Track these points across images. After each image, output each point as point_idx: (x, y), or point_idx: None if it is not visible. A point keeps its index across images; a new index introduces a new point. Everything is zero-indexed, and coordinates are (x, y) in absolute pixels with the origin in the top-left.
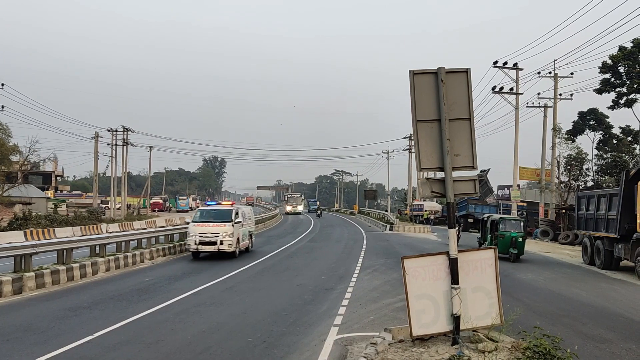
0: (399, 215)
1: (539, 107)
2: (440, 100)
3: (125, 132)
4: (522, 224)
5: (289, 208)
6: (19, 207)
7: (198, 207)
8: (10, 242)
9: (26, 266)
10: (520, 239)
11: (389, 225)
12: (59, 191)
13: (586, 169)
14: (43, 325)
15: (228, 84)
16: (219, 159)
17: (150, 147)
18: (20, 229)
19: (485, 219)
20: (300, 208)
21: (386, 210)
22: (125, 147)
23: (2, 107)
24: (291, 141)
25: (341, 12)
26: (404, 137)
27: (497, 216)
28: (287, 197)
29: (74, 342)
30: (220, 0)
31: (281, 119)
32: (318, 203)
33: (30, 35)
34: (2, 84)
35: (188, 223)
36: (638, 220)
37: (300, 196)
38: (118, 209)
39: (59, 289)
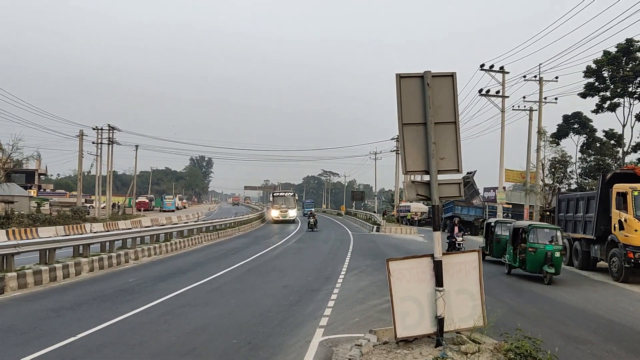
0: (385, 216)
1: (524, 110)
2: (426, 103)
3: (111, 131)
4: (558, 233)
5: (275, 213)
6: (0, 206)
7: (184, 206)
8: None
9: (8, 266)
10: (557, 254)
11: (375, 227)
12: (42, 190)
13: (570, 172)
14: (25, 326)
15: (214, 84)
16: (206, 159)
17: (136, 146)
18: (2, 228)
19: (493, 224)
20: (292, 213)
21: (373, 212)
22: (110, 145)
23: None
24: (279, 142)
25: (321, 19)
26: (392, 139)
27: (524, 223)
28: (274, 196)
29: (57, 344)
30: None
31: (270, 119)
32: (313, 211)
33: (14, 33)
34: None
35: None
36: (613, 222)
37: (293, 195)
38: (103, 208)
39: (41, 290)
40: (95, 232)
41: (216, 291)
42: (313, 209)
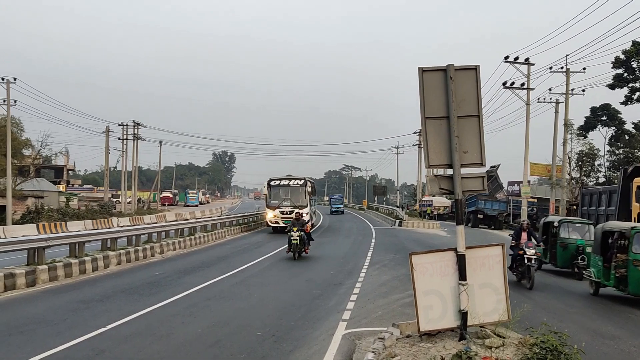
0: (407, 210)
1: (550, 102)
2: (449, 97)
3: (136, 127)
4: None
5: (271, 215)
6: (31, 201)
7: (208, 201)
8: (23, 235)
9: (39, 259)
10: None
11: (398, 221)
12: (70, 185)
13: (598, 165)
14: (56, 317)
15: (236, 85)
16: (229, 154)
17: (161, 142)
18: (33, 222)
19: (556, 224)
20: (304, 215)
21: (395, 206)
22: (135, 141)
23: (15, 101)
24: (301, 136)
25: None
26: (414, 133)
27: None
28: (271, 186)
29: (87, 334)
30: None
31: (292, 114)
32: (342, 207)
33: (47, 31)
34: (15, 79)
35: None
36: (633, 215)
37: (305, 184)
38: (128, 203)
39: (71, 282)
40: (122, 227)
41: (240, 285)
42: (343, 206)
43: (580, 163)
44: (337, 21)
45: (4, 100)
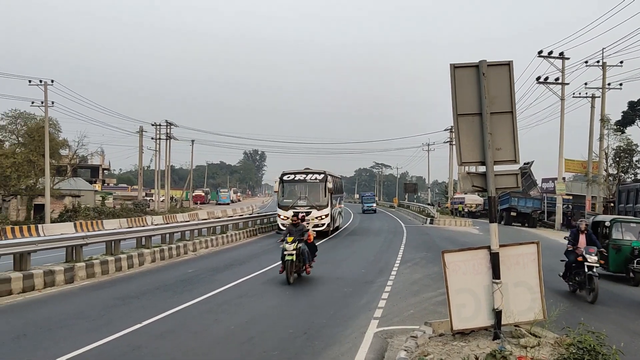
0: (438, 208)
1: (586, 97)
2: (482, 93)
3: (169, 127)
4: None
5: (283, 216)
6: (68, 200)
7: (239, 199)
8: (62, 234)
9: (77, 256)
10: None
11: (429, 219)
12: (106, 184)
13: (636, 161)
14: (94, 313)
15: (268, 84)
16: (260, 152)
17: (192, 141)
18: (70, 220)
19: (608, 224)
20: (324, 217)
21: (427, 204)
22: (168, 141)
23: (52, 102)
24: (331, 134)
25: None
26: (445, 130)
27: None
28: (284, 182)
29: (123, 330)
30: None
31: (321, 113)
32: (375, 206)
33: (80, 32)
34: (52, 81)
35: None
36: None
37: (324, 179)
38: (162, 201)
39: (108, 279)
40: (155, 225)
41: (271, 282)
42: (375, 204)
43: (617, 159)
44: (367, 20)
45: (42, 102)
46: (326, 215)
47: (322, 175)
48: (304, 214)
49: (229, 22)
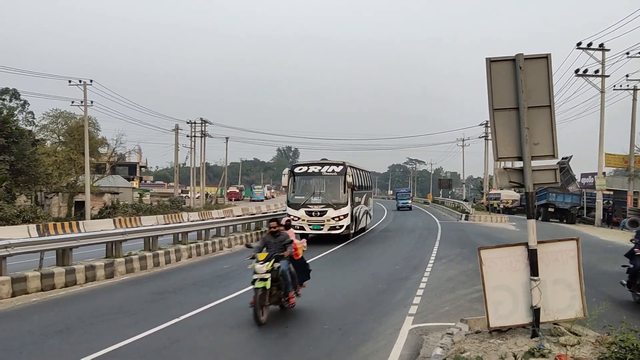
0: (474, 204)
1: (627, 89)
2: (519, 87)
3: (203, 124)
4: None
5: (294, 216)
6: (107, 197)
7: (273, 196)
8: (102, 230)
9: (117, 252)
10: None
11: (464, 215)
12: (143, 181)
13: None
14: (133, 307)
15: (295, 75)
16: (293, 149)
17: (227, 138)
18: (110, 217)
19: None
20: (342, 217)
21: (462, 200)
22: (203, 138)
23: (92, 102)
24: (364, 130)
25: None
26: (480, 124)
27: None
28: (295, 175)
29: (162, 324)
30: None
31: (354, 108)
32: (410, 203)
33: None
34: (91, 80)
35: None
36: None
37: (343, 172)
38: (197, 198)
39: (146, 274)
40: (191, 221)
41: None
42: (410, 201)
43: None
44: (402, 18)
45: (82, 102)
46: (344, 216)
47: (341, 167)
48: (281, 222)
49: (267, 24)
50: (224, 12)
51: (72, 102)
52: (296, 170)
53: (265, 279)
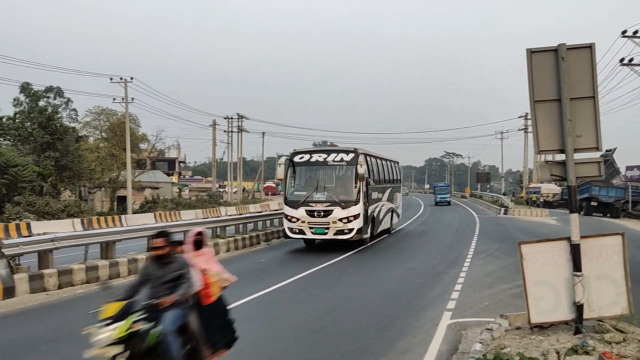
0: (513, 198)
1: None
2: (561, 78)
3: (240, 119)
4: None
5: (293, 217)
6: (148, 192)
7: None
8: (143, 224)
9: None
10: None
11: (503, 209)
12: (181, 176)
13: None
14: None
15: (330, 70)
16: (328, 143)
17: (263, 133)
18: (150, 211)
19: None
20: (353, 218)
21: (500, 193)
22: (240, 133)
23: (132, 99)
24: (400, 123)
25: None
26: (519, 117)
27: None
28: (295, 164)
29: None
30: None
31: (390, 101)
32: (449, 197)
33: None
34: (132, 78)
35: None
36: None
37: (354, 161)
38: (234, 192)
39: None
40: (229, 215)
41: (342, 273)
42: (449, 195)
43: None
44: (438, 14)
45: (123, 99)
46: (355, 217)
47: (352, 155)
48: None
49: (306, 22)
50: (274, 13)
51: (114, 99)
52: (296, 159)
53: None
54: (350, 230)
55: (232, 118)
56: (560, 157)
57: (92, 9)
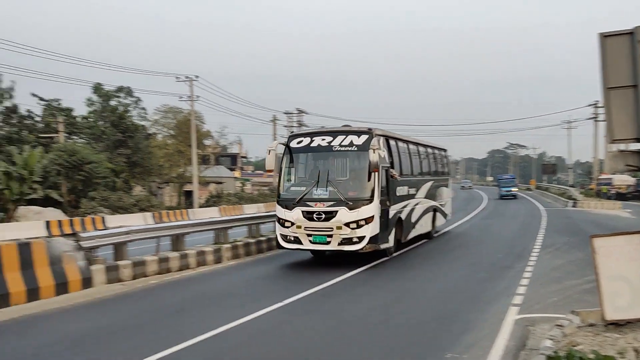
0: (581, 190)
1: None
2: (637, 63)
3: (300, 114)
4: None
5: (286, 219)
6: (213, 186)
7: None
8: (209, 217)
9: (224, 238)
10: None
11: (571, 202)
12: (244, 171)
13: None
14: (240, 291)
15: (393, 63)
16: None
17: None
18: (215, 205)
19: None
20: (364, 222)
21: (568, 185)
22: (299, 128)
23: (197, 97)
24: (462, 114)
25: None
26: (588, 105)
27: None
28: (292, 150)
29: (268, 307)
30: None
31: (453, 91)
32: (515, 190)
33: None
34: (197, 76)
35: None
36: None
37: (366, 145)
38: None
39: (250, 260)
40: None
41: (403, 267)
42: (515, 188)
43: None
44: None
45: (189, 97)
46: (367, 220)
47: (364, 138)
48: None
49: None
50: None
51: (180, 97)
52: (293, 143)
53: None
54: (361, 238)
55: (292, 113)
56: (635, 146)
57: (163, 20)
